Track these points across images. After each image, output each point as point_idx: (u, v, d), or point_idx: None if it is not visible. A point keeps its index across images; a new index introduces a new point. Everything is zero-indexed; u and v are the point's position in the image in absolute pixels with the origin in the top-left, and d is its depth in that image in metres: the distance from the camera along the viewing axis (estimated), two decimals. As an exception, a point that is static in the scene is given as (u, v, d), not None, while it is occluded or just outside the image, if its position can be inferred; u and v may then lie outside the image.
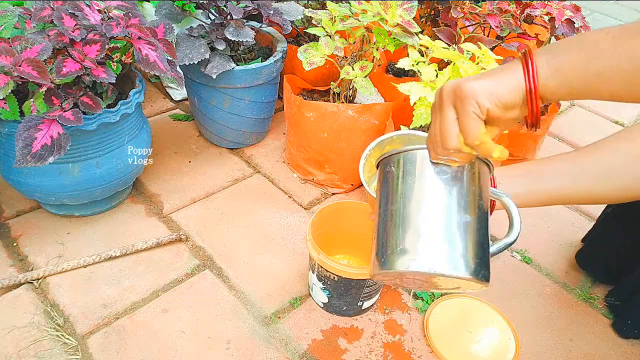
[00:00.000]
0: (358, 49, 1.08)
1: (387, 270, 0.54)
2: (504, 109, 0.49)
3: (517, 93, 0.49)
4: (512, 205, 0.61)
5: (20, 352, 0.82)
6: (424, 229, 0.54)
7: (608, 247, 1.01)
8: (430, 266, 0.52)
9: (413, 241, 0.54)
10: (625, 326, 0.95)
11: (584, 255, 1.08)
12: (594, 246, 1.07)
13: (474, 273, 0.53)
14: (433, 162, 0.55)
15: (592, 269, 1.06)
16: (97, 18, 0.89)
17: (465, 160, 0.54)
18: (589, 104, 1.71)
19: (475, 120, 0.49)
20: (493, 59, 0.87)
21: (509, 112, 0.50)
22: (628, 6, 2.64)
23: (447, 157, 0.53)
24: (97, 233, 1.04)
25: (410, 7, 1.00)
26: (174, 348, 0.85)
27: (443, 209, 0.54)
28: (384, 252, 0.56)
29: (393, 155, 0.59)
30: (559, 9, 1.08)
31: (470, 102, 0.48)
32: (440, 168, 0.55)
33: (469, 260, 0.53)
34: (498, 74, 0.50)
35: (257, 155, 1.31)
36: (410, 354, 0.88)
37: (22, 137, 0.80)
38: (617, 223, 0.99)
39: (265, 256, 1.03)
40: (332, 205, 0.92)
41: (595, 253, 1.05)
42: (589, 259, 1.07)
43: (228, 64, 1.10)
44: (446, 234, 0.53)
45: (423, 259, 0.53)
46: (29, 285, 0.93)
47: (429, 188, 0.55)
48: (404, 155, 0.58)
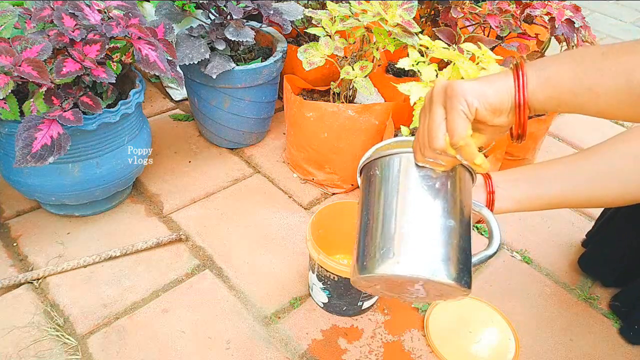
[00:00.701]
0: (358, 49, 1.08)
1: (369, 275, 0.53)
2: (492, 113, 0.50)
3: (506, 98, 0.49)
4: (492, 217, 0.60)
5: (20, 352, 0.82)
6: (408, 232, 0.52)
7: (613, 249, 1.00)
8: (414, 270, 0.50)
9: (397, 244, 0.52)
10: (633, 332, 0.93)
11: (587, 259, 1.06)
12: (598, 249, 1.05)
13: (457, 279, 0.51)
14: (418, 165, 0.54)
15: (597, 272, 1.04)
16: (97, 18, 0.89)
17: (449, 165, 0.53)
18: (589, 104, 1.71)
19: (463, 118, 0.49)
20: (493, 59, 0.87)
21: (497, 118, 0.50)
22: (628, 6, 2.64)
23: (433, 159, 0.53)
24: (97, 233, 1.04)
25: (410, 7, 1.00)
26: (174, 348, 0.85)
27: (427, 212, 0.53)
28: (366, 256, 0.54)
29: (377, 160, 0.58)
30: (559, 9, 1.08)
31: (460, 100, 0.49)
32: (425, 172, 0.54)
33: (453, 265, 0.51)
34: (489, 79, 0.51)
35: (257, 155, 1.31)
36: (410, 354, 0.88)
37: (22, 137, 0.80)
38: (625, 223, 0.97)
39: (265, 256, 1.03)
40: (332, 205, 0.92)
41: (599, 256, 1.04)
42: (593, 262, 1.05)
43: (228, 64, 1.10)
44: (430, 237, 0.52)
45: (406, 263, 0.51)
46: (29, 285, 0.93)
47: (413, 191, 0.54)
48: (388, 159, 0.56)
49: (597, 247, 1.06)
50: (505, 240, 1.13)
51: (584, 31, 1.10)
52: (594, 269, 1.05)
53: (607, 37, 2.26)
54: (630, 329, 0.93)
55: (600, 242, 1.06)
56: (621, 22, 2.43)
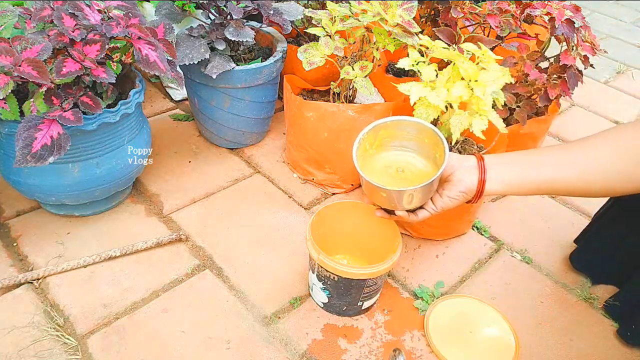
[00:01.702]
0: (358, 49, 1.08)
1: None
2: None
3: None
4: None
5: (20, 352, 0.82)
6: None
7: (607, 245, 1.00)
8: None
9: None
10: (630, 332, 0.92)
11: (579, 256, 1.07)
12: (591, 245, 1.05)
13: None
14: None
15: (590, 269, 1.04)
16: (97, 18, 0.89)
17: None
18: (588, 104, 1.71)
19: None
20: (493, 59, 0.87)
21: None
22: (628, 6, 2.64)
23: None
24: (97, 233, 1.04)
25: (410, 7, 1.00)
26: (174, 348, 0.85)
27: None
28: None
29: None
30: (559, 9, 1.08)
31: None
32: None
33: None
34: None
35: (257, 155, 1.31)
36: (410, 354, 0.88)
37: (22, 137, 0.80)
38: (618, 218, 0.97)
39: (265, 256, 1.03)
40: (332, 205, 0.92)
41: (592, 252, 1.04)
42: (585, 259, 1.05)
43: (228, 64, 1.10)
44: None
45: None
46: (29, 285, 0.93)
47: None
48: None
49: (589, 244, 1.06)
50: (505, 240, 1.13)
51: (584, 31, 1.10)
52: (587, 266, 1.05)
53: (607, 37, 2.26)
54: (628, 329, 0.93)
55: (591, 238, 1.05)
56: (621, 22, 2.43)
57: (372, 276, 0.82)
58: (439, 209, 0.80)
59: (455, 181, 0.78)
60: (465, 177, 0.77)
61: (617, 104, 1.73)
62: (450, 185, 0.78)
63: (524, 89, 1.08)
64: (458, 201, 0.79)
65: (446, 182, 0.79)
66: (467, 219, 1.09)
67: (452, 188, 0.78)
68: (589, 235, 1.06)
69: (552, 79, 1.06)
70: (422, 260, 1.06)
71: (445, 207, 0.80)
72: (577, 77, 1.06)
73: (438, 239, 1.11)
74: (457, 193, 0.78)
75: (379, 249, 0.91)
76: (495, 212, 1.20)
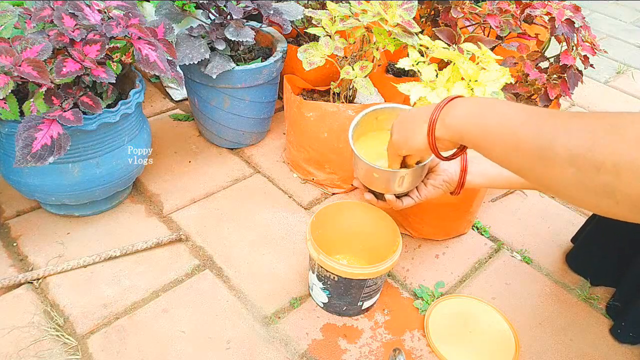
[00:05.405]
0: (358, 49, 1.08)
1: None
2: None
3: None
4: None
5: (20, 352, 0.82)
6: None
7: (602, 244, 1.00)
8: None
9: None
10: (620, 329, 0.92)
11: (575, 256, 1.06)
12: (586, 244, 1.05)
13: None
14: None
15: (586, 269, 1.04)
16: (97, 18, 0.89)
17: None
18: (588, 104, 1.71)
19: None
20: (493, 59, 0.88)
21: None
22: (628, 6, 2.64)
23: None
24: (97, 233, 1.04)
25: (410, 7, 1.00)
26: (174, 348, 0.85)
27: None
28: None
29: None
30: (559, 9, 1.08)
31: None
32: None
33: None
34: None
35: (257, 155, 1.31)
36: (410, 354, 0.88)
37: (22, 137, 0.80)
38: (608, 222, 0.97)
39: (265, 256, 1.03)
40: (332, 205, 0.92)
41: (587, 252, 1.04)
42: (581, 258, 1.05)
43: (228, 64, 1.10)
44: None
45: None
46: (29, 285, 0.93)
47: None
48: None
49: (585, 243, 1.06)
50: (505, 240, 1.13)
51: (584, 31, 1.10)
52: (583, 266, 1.05)
53: (607, 37, 2.26)
54: (619, 327, 0.93)
55: (587, 237, 1.05)
56: (621, 22, 2.43)
57: (372, 276, 0.83)
58: (423, 198, 0.83)
59: (439, 170, 0.82)
60: (449, 167, 0.81)
61: (617, 104, 1.73)
62: (434, 175, 0.83)
63: (524, 89, 1.08)
64: (441, 190, 0.83)
65: (432, 172, 0.83)
66: (467, 219, 1.09)
67: (436, 177, 0.82)
68: (584, 235, 1.06)
69: (552, 79, 1.06)
70: (422, 260, 1.06)
71: (430, 195, 0.83)
72: (577, 77, 1.06)
73: (438, 239, 1.11)
74: (441, 182, 0.82)
75: (379, 249, 0.91)
76: (495, 212, 1.20)
